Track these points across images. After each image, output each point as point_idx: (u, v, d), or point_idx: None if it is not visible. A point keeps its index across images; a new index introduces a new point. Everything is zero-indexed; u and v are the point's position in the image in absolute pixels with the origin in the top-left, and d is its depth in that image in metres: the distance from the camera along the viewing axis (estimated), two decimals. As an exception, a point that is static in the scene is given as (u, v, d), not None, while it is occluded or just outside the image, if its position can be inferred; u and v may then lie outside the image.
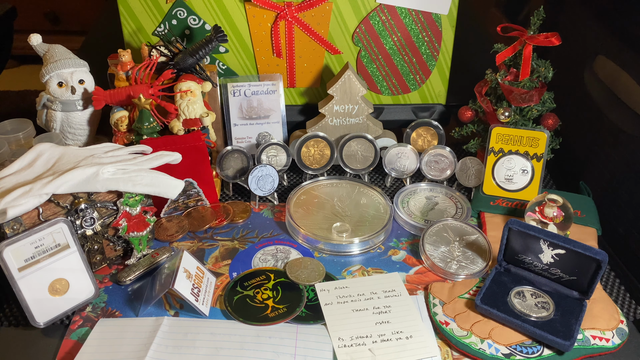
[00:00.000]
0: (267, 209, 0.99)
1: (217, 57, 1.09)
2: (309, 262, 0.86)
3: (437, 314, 0.77)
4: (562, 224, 0.88)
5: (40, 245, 0.73)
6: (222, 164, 1.02)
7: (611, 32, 0.97)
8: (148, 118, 0.93)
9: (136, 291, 0.81)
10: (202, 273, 0.81)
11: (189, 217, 0.95)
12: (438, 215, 0.97)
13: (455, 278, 0.84)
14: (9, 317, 0.78)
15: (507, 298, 0.78)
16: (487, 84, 1.03)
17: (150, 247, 0.87)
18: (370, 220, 0.94)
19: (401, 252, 0.90)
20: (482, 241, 0.90)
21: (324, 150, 1.05)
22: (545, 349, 0.72)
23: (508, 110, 0.98)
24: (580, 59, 1.05)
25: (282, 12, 1.03)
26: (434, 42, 1.10)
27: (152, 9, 1.04)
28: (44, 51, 0.99)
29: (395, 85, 1.14)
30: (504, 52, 0.98)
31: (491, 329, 0.75)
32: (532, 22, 0.96)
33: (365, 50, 1.10)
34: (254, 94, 1.07)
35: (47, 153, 0.82)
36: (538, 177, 0.97)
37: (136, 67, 0.97)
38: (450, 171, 1.04)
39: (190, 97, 0.95)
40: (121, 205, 0.82)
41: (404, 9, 1.06)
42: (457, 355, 0.73)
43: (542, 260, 0.78)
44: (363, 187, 1.02)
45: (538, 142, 0.96)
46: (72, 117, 1.00)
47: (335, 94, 1.04)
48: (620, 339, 0.74)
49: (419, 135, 1.10)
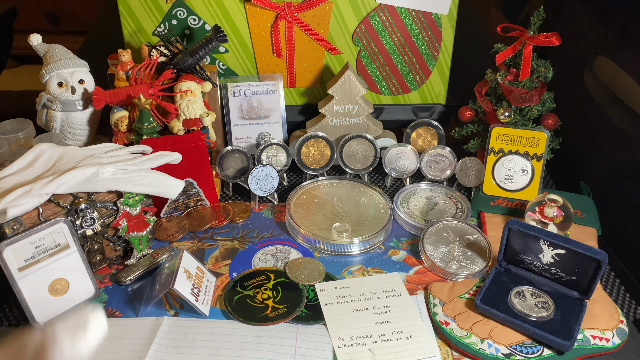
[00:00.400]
0: (267, 209, 0.99)
1: (217, 57, 1.09)
2: (309, 262, 0.86)
3: (437, 314, 0.77)
4: (562, 224, 0.88)
5: (40, 245, 0.73)
6: (222, 164, 1.02)
7: (611, 32, 0.97)
8: (148, 118, 0.93)
9: (136, 291, 0.81)
10: (202, 273, 0.81)
11: (189, 217, 0.95)
12: (438, 215, 0.97)
13: (455, 278, 0.84)
14: (9, 317, 0.78)
15: (507, 298, 0.78)
16: (487, 84, 1.03)
17: (150, 247, 0.87)
18: (370, 220, 0.94)
19: (401, 252, 0.90)
20: (482, 241, 0.90)
21: (324, 150, 1.05)
22: (545, 349, 0.72)
23: (508, 110, 0.98)
24: (580, 59, 1.05)
25: (282, 12, 1.03)
26: (434, 42, 1.10)
27: (152, 9, 1.04)
28: (44, 51, 0.99)
29: (395, 85, 1.14)
30: (504, 52, 0.98)
31: (491, 329, 0.75)
32: (532, 22, 0.96)
33: (365, 50, 1.10)
34: (254, 94, 1.07)
35: (47, 153, 0.82)
36: (538, 177, 0.97)
37: (136, 67, 0.97)
38: (450, 171, 1.04)
39: (190, 97, 0.95)
40: (121, 205, 0.82)
41: (404, 9, 1.06)
42: (457, 355, 0.73)
43: (542, 260, 0.78)
44: (363, 187, 1.02)
45: (538, 142, 0.96)
46: (72, 117, 1.00)
47: (335, 94, 1.04)
48: (620, 339, 0.74)
49: (419, 135, 1.10)
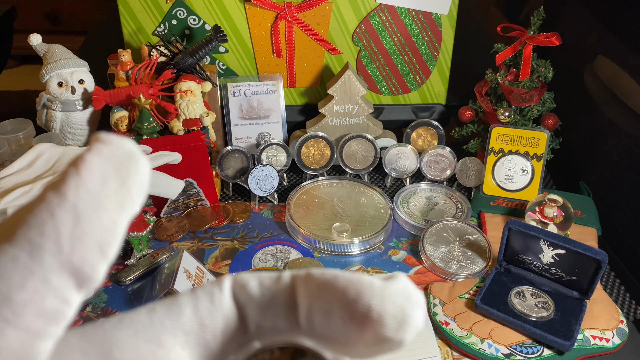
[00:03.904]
0: (267, 209, 0.99)
1: (217, 57, 1.09)
2: (309, 262, 0.86)
3: (437, 314, 0.77)
4: (562, 224, 0.88)
5: (40, 245, 0.73)
6: (222, 164, 1.02)
7: (611, 32, 0.97)
8: (148, 118, 0.93)
9: (136, 291, 0.81)
10: (202, 273, 0.81)
11: (189, 217, 0.95)
12: (438, 215, 0.97)
13: (455, 278, 0.84)
14: (9, 317, 0.78)
15: (507, 298, 0.78)
16: (487, 84, 1.03)
17: (150, 247, 0.87)
18: (370, 220, 0.94)
19: (401, 252, 0.90)
20: (482, 241, 0.90)
21: (324, 150, 1.05)
22: (545, 349, 0.72)
23: (508, 110, 0.98)
24: (580, 59, 1.05)
25: (282, 12, 1.03)
26: (434, 42, 1.10)
27: (152, 9, 1.04)
28: (44, 51, 0.99)
29: (395, 85, 1.14)
30: (504, 52, 0.98)
31: (491, 329, 0.75)
32: (532, 22, 0.96)
33: (365, 50, 1.10)
34: (254, 94, 1.07)
35: (47, 153, 0.82)
36: (538, 177, 0.97)
37: (136, 67, 0.97)
38: (450, 171, 1.04)
39: (190, 97, 0.95)
40: (121, 205, 0.82)
41: (404, 9, 1.06)
42: (457, 355, 0.73)
43: (542, 260, 0.78)
44: (363, 187, 1.02)
45: (538, 142, 0.96)
46: (72, 117, 1.00)
47: (335, 94, 1.04)
48: (620, 339, 0.74)
49: (419, 135, 1.10)
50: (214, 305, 0.25)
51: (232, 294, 0.25)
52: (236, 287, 0.25)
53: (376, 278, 0.24)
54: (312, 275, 0.24)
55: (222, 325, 0.24)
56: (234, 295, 0.25)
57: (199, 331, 0.24)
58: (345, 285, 0.23)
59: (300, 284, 0.24)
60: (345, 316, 0.23)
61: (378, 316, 0.22)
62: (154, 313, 0.24)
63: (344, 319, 0.23)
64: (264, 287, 0.25)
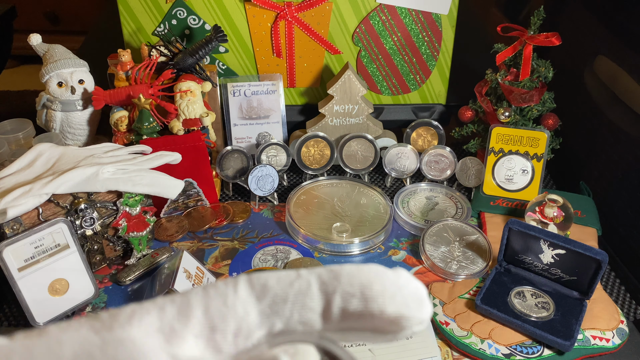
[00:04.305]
0: (267, 209, 0.99)
1: (217, 57, 1.09)
2: (309, 262, 0.86)
3: (437, 314, 0.77)
4: (562, 224, 0.88)
5: (40, 246, 0.73)
6: (222, 164, 1.02)
7: (611, 32, 0.97)
8: (148, 118, 0.93)
9: (136, 291, 0.81)
10: (202, 273, 0.81)
11: (189, 217, 0.95)
12: (438, 215, 0.97)
13: (455, 278, 0.84)
14: (9, 317, 0.78)
15: (507, 298, 0.78)
16: (487, 84, 1.03)
17: (150, 247, 0.87)
18: (370, 220, 0.94)
19: (401, 252, 0.90)
20: (482, 241, 0.90)
21: (324, 150, 1.05)
22: (545, 349, 0.72)
23: (508, 110, 0.98)
24: (580, 59, 1.05)
25: (282, 12, 1.03)
26: (434, 42, 1.10)
27: (152, 9, 1.04)
28: (44, 51, 0.99)
29: (395, 85, 1.14)
30: (504, 52, 0.98)
31: (491, 329, 0.75)
32: (532, 22, 0.96)
33: (365, 50, 1.10)
34: (254, 94, 1.07)
35: (47, 153, 0.82)
36: (538, 177, 0.97)
37: (136, 67, 0.97)
38: (450, 171, 1.04)
39: (190, 97, 0.95)
40: (121, 205, 0.82)
41: (404, 9, 1.06)
42: (457, 355, 0.73)
43: (542, 260, 0.78)
44: (363, 187, 1.02)
45: (538, 142, 0.96)
46: (71, 117, 1.00)
47: (335, 94, 1.04)
48: (620, 339, 0.74)
49: (419, 135, 1.10)
50: (227, 307, 0.24)
51: (249, 294, 0.25)
52: (253, 287, 0.25)
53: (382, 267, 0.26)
54: (333, 268, 0.25)
55: (234, 327, 0.24)
56: (251, 296, 0.25)
57: (209, 334, 0.24)
58: (366, 273, 0.25)
59: (324, 277, 0.25)
60: (367, 303, 0.25)
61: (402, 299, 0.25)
62: (164, 313, 0.24)
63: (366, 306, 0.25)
64: (283, 283, 0.25)
